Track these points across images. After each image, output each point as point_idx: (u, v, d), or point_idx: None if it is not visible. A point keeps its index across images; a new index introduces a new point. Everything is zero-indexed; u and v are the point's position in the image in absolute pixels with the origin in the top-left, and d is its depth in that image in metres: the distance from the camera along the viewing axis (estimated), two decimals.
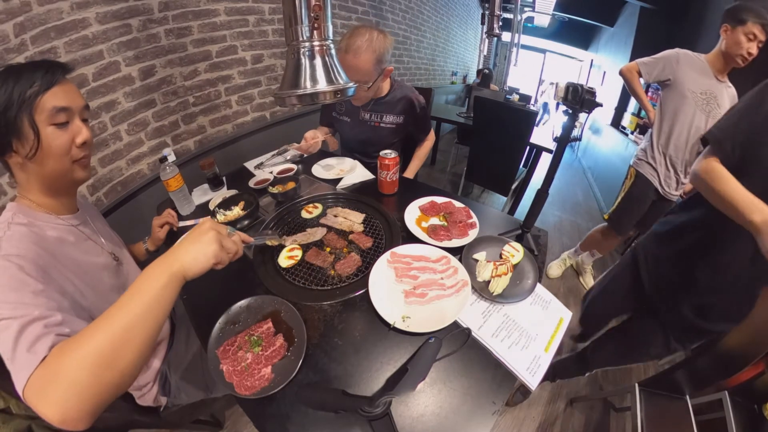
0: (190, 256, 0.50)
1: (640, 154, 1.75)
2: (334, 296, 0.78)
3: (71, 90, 0.63)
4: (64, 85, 0.61)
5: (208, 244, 0.52)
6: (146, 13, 1.32)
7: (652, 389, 1.14)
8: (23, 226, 0.59)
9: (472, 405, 0.58)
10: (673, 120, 1.57)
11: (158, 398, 0.85)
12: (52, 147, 0.59)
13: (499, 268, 0.81)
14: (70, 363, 0.40)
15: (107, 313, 0.43)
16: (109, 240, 0.82)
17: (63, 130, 0.61)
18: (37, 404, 0.39)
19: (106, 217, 1.29)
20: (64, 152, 0.62)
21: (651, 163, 1.67)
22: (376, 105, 1.38)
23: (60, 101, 0.59)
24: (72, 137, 0.62)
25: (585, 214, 3.39)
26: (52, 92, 0.58)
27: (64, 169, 0.64)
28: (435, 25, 4.16)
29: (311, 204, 1.11)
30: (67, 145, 0.62)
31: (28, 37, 1.01)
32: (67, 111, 0.60)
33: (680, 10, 3.29)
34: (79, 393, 0.39)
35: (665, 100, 1.61)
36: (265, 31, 1.86)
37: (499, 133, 2.22)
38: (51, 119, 0.58)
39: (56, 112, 0.59)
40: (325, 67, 0.71)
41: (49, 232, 0.63)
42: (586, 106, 0.73)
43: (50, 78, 0.58)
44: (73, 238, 0.68)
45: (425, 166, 3.96)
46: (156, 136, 1.49)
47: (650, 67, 1.60)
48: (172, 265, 0.48)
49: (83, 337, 0.41)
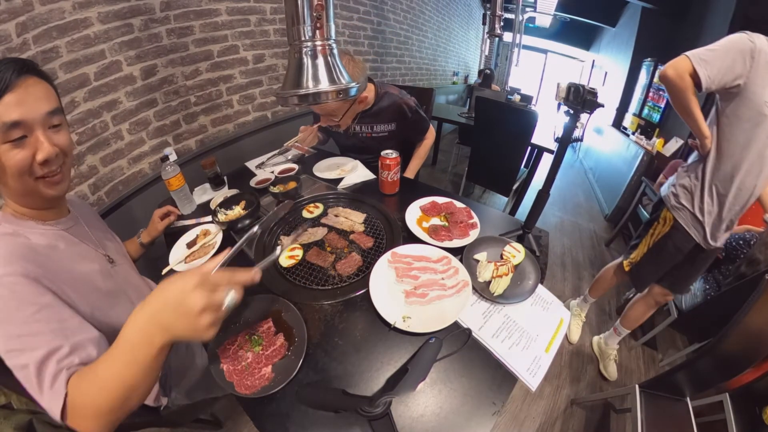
0: (180, 334, 0.45)
1: (679, 193, 1.23)
2: (335, 296, 0.78)
3: (28, 96, 0.52)
4: (17, 91, 0.50)
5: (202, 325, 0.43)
6: (148, 12, 1.32)
7: (653, 391, 1.14)
8: (9, 236, 0.56)
9: (472, 405, 0.58)
10: (743, 152, 1.04)
11: (159, 398, 0.85)
12: (6, 167, 0.52)
13: (500, 268, 0.81)
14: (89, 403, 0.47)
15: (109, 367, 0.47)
16: (104, 240, 0.80)
17: (20, 148, 0.52)
18: (77, 427, 0.47)
19: (107, 216, 1.29)
20: (22, 171, 0.54)
21: (695, 212, 1.18)
22: (363, 118, 1.37)
23: (11, 114, 0.49)
24: (31, 154, 0.53)
25: (586, 214, 3.39)
26: (3, 103, 0.49)
27: (28, 188, 0.57)
28: (436, 25, 4.16)
29: (312, 204, 1.11)
30: (25, 163, 0.53)
31: (30, 36, 1.01)
32: (22, 125, 0.51)
33: (682, 10, 3.28)
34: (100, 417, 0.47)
35: (729, 119, 1.05)
36: (267, 31, 1.86)
37: (500, 134, 2.22)
38: (3, 137, 0.50)
39: (7, 129, 0.50)
40: (327, 67, 0.71)
41: (37, 239, 0.60)
42: (588, 107, 0.73)
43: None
44: (63, 245, 0.65)
45: (426, 166, 3.96)
46: (157, 136, 1.49)
47: (713, 66, 0.98)
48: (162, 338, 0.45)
49: (94, 387, 0.47)
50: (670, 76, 1.05)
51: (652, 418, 1.07)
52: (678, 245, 1.26)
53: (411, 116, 1.38)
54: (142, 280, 0.90)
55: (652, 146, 3.16)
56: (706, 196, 1.15)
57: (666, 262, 1.34)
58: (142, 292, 0.85)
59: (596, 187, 3.97)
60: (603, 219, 3.33)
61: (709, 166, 1.13)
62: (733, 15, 2.56)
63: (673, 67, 1.04)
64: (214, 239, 0.98)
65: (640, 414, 1.08)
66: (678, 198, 1.23)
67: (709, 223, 1.18)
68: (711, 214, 1.16)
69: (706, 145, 1.12)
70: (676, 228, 1.24)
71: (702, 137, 1.11)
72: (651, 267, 1.39)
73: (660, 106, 3.54)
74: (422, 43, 3.87)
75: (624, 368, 1.69)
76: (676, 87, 1.05)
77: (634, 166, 3.04)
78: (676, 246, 1.27)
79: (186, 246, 0.98)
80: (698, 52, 1.00)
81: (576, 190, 4.00)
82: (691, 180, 1.19)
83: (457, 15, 4.86)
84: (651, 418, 1.07)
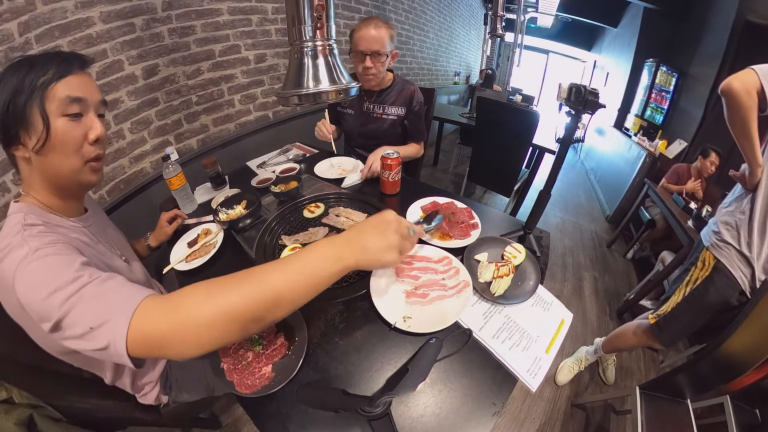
0: (371, 254, 0.50)
1: (721, 230, 1.09)
2: (336, 296, 0.78)
3: (88, 82, 0.59)
4: (80, 76, 0.58)
5: (393, 248, 0.51)
6: (150, 12, 1.33)
7: (653, 392, 1.14)
8: (41, 226, 0.55)
9: (472, 406, 0.58)
10: None
11: (159, 397, 0.86)
12: (62, 140, 0.55)
13: (501, 269, 0.81)
14: (202, 302, 0.43)
15: (266, 271, 0.45)
16: (117, 240, 0.81)
17: (76, 123, 0.57)
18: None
19: (109, 215, 1.29)
20: (74, 147, 0.57)
21: (742, 248, 1.03)
22: (379, 95, 1.44)
23: (74, 91, 0.55)
24: (85, 132, 0.58)
25: (587, 215, 3.39)
26: (66, 81, 0.55)
27: (73, 168, 0.59)
28: (438, 25, 4.16)
29: (313, 203, 1.11)
30: (79, 139, 0.58)
31: (33, 35, 1.02)
32: (81, 102, 0.57)
33: (684, 10, 3.27)
34: (195, 329, 0.42)
35: None
36: (268, 31, 1.86)
37: (501, 134, 2.21)
38: (63, 109, 0.55)
39: (69, 102, 0.55)
40: (327, 67, 0.71)
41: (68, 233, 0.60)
42: (589, 108, 0.73)
43: (65, 67, 0.55)
44: (87, 240, 0.65)
45: (427, 166, 3.96)
46: (159, 135, 1.49)
47: None
48: (351, 258, 0.49)
49: (228, 284, 0.44)
50: (736, 90, 0.89)
51: (653, 420, 1.07)
52: (721, 291, 1.08)
53: (416, 108, 1.45)
54: (149, 280, 0.91)
55: (654, 148, 3.15)
56: (756, 235, 1.00)
57: (703, 315, 1.13)
58: None
59: (597, 188, 3.96)
60: (604, 220, 3.33)
61: (760, 200, 0.99)
62: (735, 15, 2.56)
63: (741, 81, 0.89)
64: (215, 238, 0.98)
65: (640, 416, 1.08)
66: (720, 235, 1.09)
67: (760, 267, 1.01)
68: (762, 255, 1.00)
69: (758, 174, 0.99)
70: (719, 270, 1.07)
71: (755, 165, 0.99)
72: (685, 319, 1.17)
73: (663, 107, 3.53)
74: (424, 43, 3.87)
75: (624, 369, 1.69)
76: (741, 103, 0.90)
77: (637, 168, 3.04)
78: (719, 293, 1.08)
79: (187, 245, 0.99)
80: (765, 67, 0.88)
81: (577, 190, 4.00)
82: (735, 215, 1.06)
83: (458, 15, 4.86)
84: (651, 420, 1.07)
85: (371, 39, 1.24)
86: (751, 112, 0.91)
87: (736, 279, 1.05)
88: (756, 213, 1.00)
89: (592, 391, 1.58)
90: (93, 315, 0.43)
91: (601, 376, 1.64)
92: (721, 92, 0.94)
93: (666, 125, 3.49)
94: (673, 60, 3.36)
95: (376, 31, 1.25)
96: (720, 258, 1.08)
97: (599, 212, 3.49)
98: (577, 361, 1.63)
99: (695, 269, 1.16)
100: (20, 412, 0.63)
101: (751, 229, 1.02)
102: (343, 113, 1.55)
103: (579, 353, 1.67)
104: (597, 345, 1.59)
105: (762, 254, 1.00)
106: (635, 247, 2.64)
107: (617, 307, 2.11)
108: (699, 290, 1.13)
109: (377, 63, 1.30)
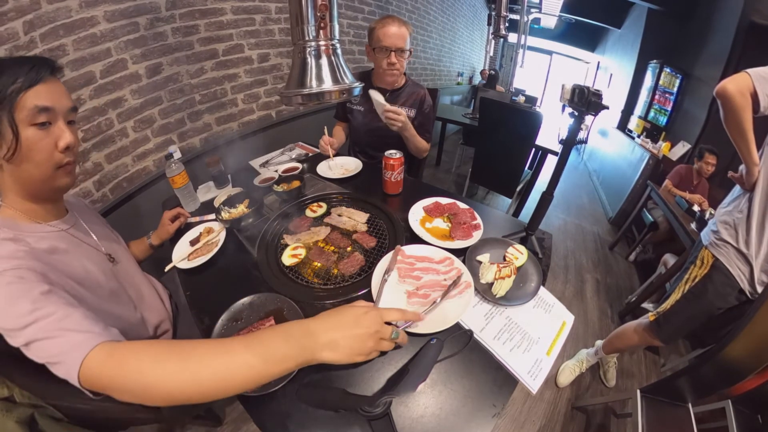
0: (338, 353, 0.48)
1: (720, 229, 1.12)
2: (337, 295, 0.78)
3: (57, 90, 0.59)
4: (49, 83, 0.57)
5: (367, 353, 0.51)
6: (153, 11, 1.33)
7: (654, 396, 1.13)
8: (10, 241, 0.56)
9: (472, 407, 0.58)
10: None
11: None
12: (31, 149, 0.56)
13: (503, 270, 0.80)
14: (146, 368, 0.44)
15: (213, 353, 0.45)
16: (105, 239, 0.80)
17: (45, 132, 0.57)
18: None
19: (111, 213, 1.30)
20: (44, 156, 0.58)
21: (740, 246, 1.06)
22: (391, 95, 1.46)
23: (42, 100, 0.55)
24: (54, 140, 0.58)
25: (590, 217, 3.37)
26: (35, 90, 0.55)
27: (45, 175, 0.60)
28: (441, 25, 4.15)
29: (316, 203, 1.11)
30: (49, 148, 0.58)
31: (38, 34, 1.02)
32: (50, 111, 0.57)
33: (688, 11, 3.26)
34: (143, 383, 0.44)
35: None
36: (272, 30, 1.86)
37: (504, 135, 2.21)
38: (32, 119, 0.55)
39: (37, 111, 0.55)
40: (330, 67, 0.71)
41: (39, 244, 0.60)
42: (592, 109, 0.72)
43: (34, 75, 0.55)
44: (64, 245, 0.65)
45: (430, 167, 3.95)
46: (162, 134, 1.50)
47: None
48: (310, 356, 0.47)
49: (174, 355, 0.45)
50: (730, 92, 0.94)
51: (653, 424, 1.06)
52: (719, 290, 1.10)
53: (426, 111, 1.48)
54: (145, 278, 0.91)
55: (658, 150, 3.14)
56: (754, 234, 1.02)
57: (701, 312, 1.15)
58: (141, 292, 0.85)
59: (600, 190, 3.95)
60: (607, 222, 3.32)
61: (757, 199, 1.02)
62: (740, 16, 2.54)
63: (735, 83, 0.94)
64: (217, 237, 0.98)
65: (640, 419, 1.07)
66: (718, 234, 1.12)
67: (759, 266, 1.03)
68: (761, 255, 1.02)
69: (754, 173, 1.02)
70: (717, 268, 1.10)
71: (751, 164, 1.02)
72: (683, 316, 1.19)
73: (666, 109, 3.51)
74: (427, 43, 3.86)
75: (625, 372, 1.68)
76: (735, 104, 0.94)
77: (640, 170, 3.03)
78: (717, 291, 1.11)
79: (189, 243, 0.99)
80: (759, 70, 0.92)
81: (580, 192, 3.98)
82: (733, 214, 1.09)
83: (461, 16, 4.85)
84: (652, 424, 1.06)
85: (396, 36, 1.28)
86: (745, 113, 0.95)
87: (734, 277, 1.07)
88: (754, 211, 1.03)
89: (593, 394, 1.58)
90: (47, 354, 0.46)
91: (602, 378, 1.64)
92: (716, 94, 0.98)
93: (669, 127, 3.47)
94: (677, 61, 3.34)
95: (400, 28, 1.29)
96: (718, 256, 1.11)
97: (602, 214, 3.47)
98: (578, 362, 1.63)
99: (694, 267, 1.19)
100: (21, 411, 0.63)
101: (749, 227, 1.04)
102: (352, 109, 1.56)
103: (580, 355, 1.67)
104: (597, 346, 1.60)
105: (761, 252, 1.02)
106: (638, 249, 2.62)
107: (619, 310, 2.10)
108: (698, 288, 1.16)
109: (401, 59, 1.34)
